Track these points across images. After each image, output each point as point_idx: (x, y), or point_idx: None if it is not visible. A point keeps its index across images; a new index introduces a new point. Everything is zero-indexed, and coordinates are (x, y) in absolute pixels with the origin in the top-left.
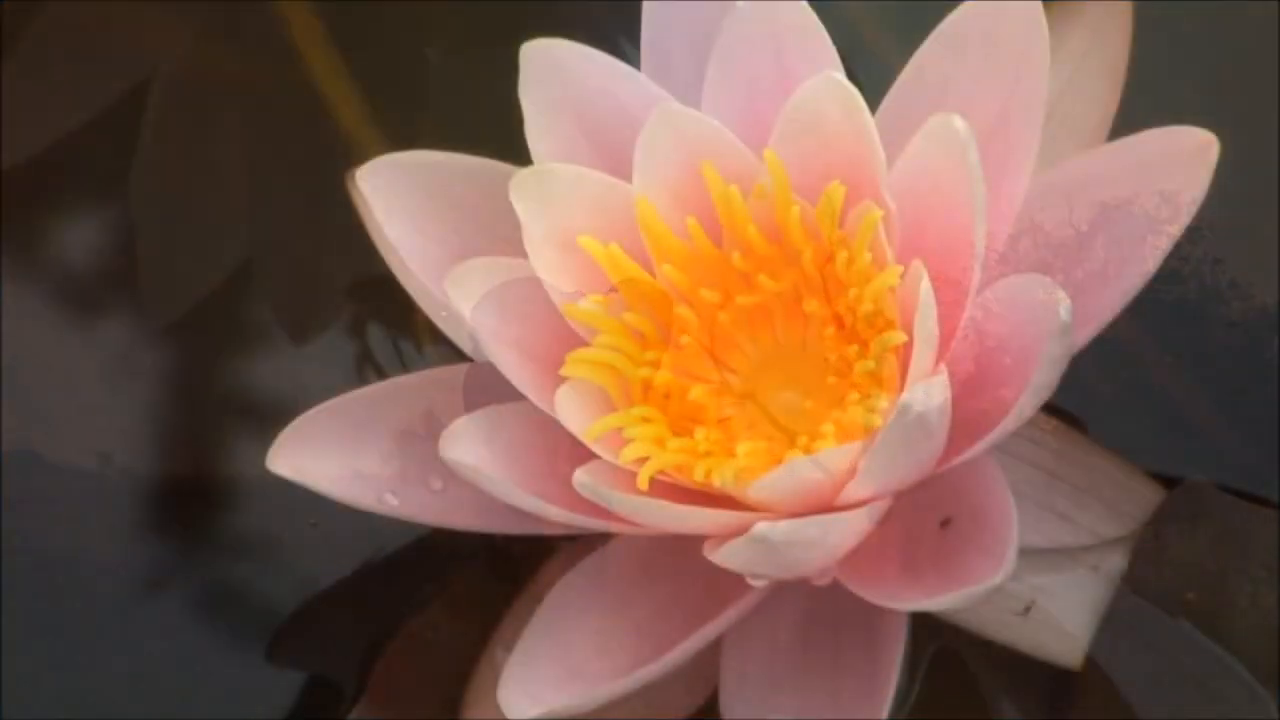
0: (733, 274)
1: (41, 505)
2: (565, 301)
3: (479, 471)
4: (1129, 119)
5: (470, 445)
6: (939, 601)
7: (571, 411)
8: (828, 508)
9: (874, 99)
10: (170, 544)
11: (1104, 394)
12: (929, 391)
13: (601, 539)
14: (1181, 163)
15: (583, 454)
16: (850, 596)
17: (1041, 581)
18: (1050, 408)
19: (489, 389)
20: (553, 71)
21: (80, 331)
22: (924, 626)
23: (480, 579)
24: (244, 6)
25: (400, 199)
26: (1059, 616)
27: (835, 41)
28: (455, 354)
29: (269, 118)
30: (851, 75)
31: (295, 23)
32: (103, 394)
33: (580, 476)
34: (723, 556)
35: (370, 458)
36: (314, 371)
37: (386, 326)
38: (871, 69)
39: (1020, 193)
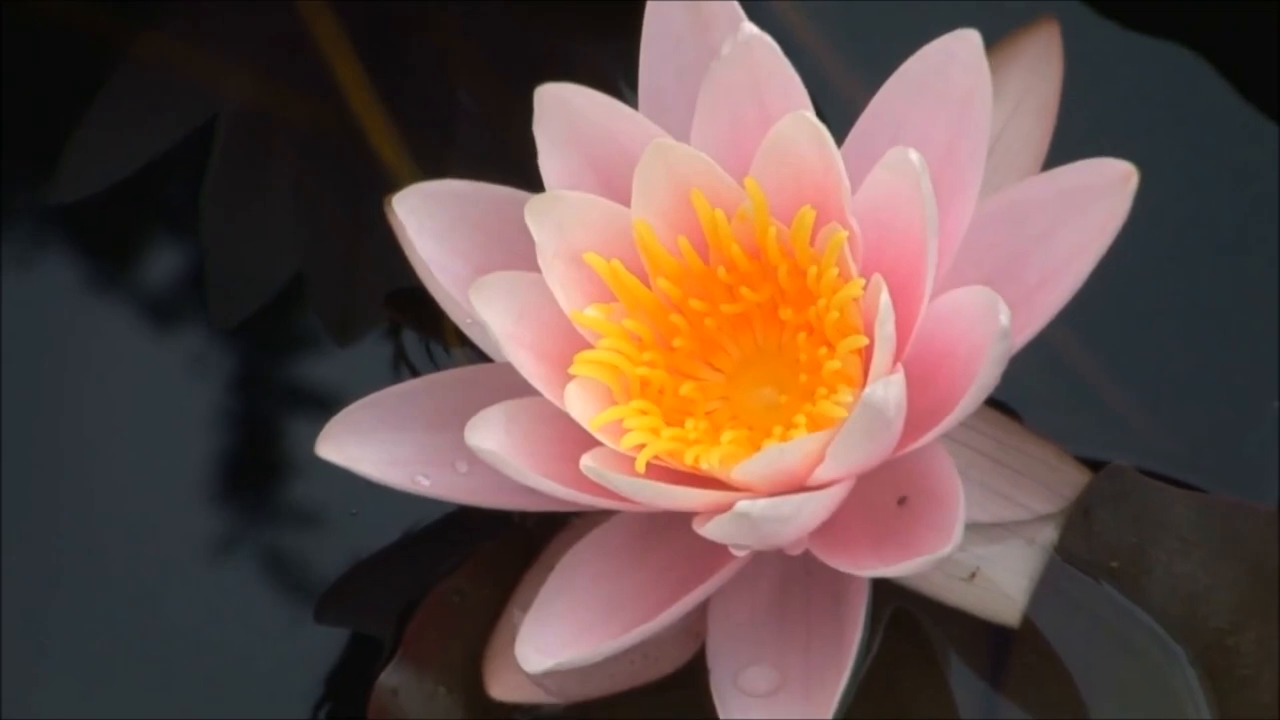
0: (718, 286)
1: (130, 480)
2: (573, 310)
3: (499, 457)
4: (1060, 152)
5: (491, 434)
6: (896, 569)
7: (578, 405)
8: (800, 488)
9: (839, 133)
10: (235, 516)
11: (1038, 390)
12: (887, 387)
13: (605, 515)
14: (1106, 191)
15: (588, 442)
16: (820, 565)
17: (985, 551)
18: (992, 402)
19: (507, 385)
20: (562, 111)
21: (161, 336)
22: (883, 590)
23: (499, 550)
24: (297, 53)
25: (430, 221)
26: (1000, 581)
27: (805, 84)
28: (478, 355)
29: (318, 151)
30: (820, 113)
31: (341, 68)
32: (181, 388)
33: (586, 461)
34: (709, 530)
35: (405, 445)
36: (356, 370)
37: (419, 331)
38: (837, 108)
39: (967, 216)
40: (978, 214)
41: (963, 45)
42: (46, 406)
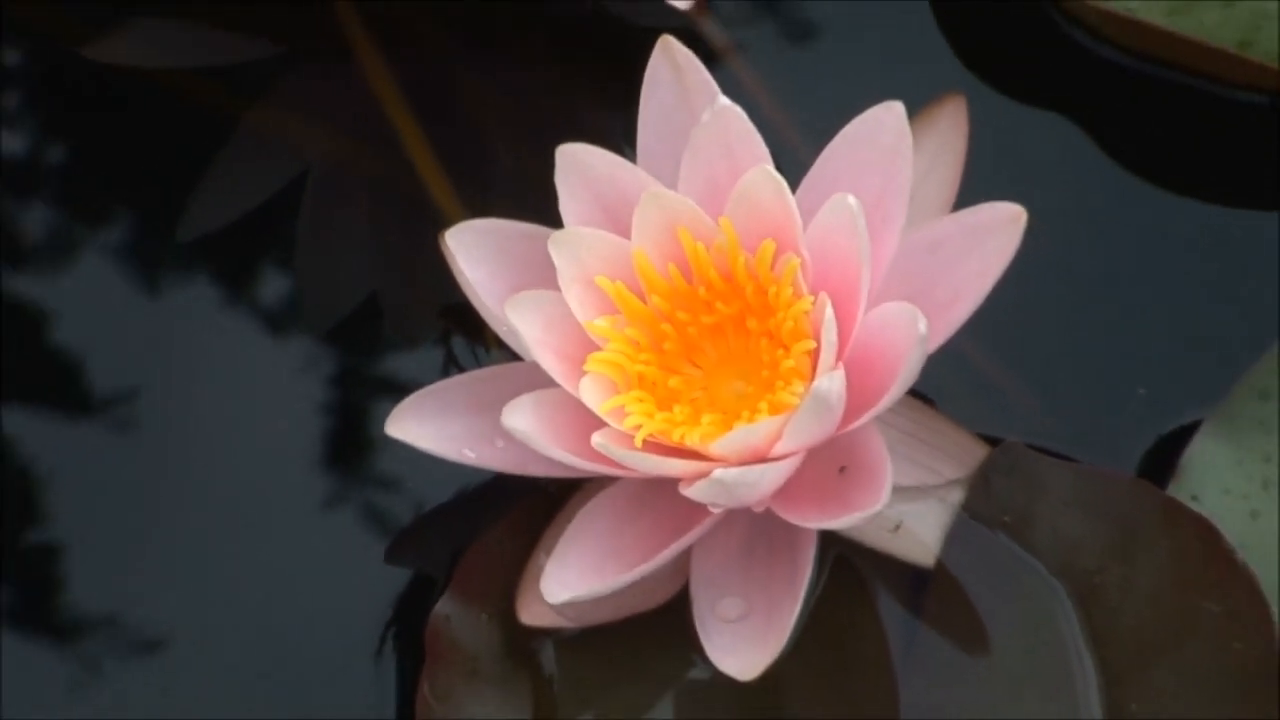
0: (699, 302)
1: (250, 453)
2: (586, 320)
3: (528, 435)
4: (966, 197)
5: (522, 417)
6: (838, 522)
7: (590, 394)
8: (763, 459)
9: (793, 182)
10: (327, 479)
11: (949, 382)
12: (831, 381)
13: (610, 481)
14: (1001, 228)
15: (597, 423)
16: (778, 519)
17: (906, 509)
18: (913, 392)
19: (534, 380)
20: (578, 165)
21: (268, 342)
22: (828, 539)
23: (529, 508)
24: (369, 119)
25: (475, 251)
26: (918, 532)
27: (767, 143)
28: (511, 356)
29: (385, 196)
30: (778, 166)
31: (404, 130)
32: (286, 381)
33: (596, 438)
34: (692, 493)
35: (455, 425)
36: (416, 367)
37: (465, 337)
38: (791, 162)
39: (893, 247)
40: (901, 245)
41: (890, 114)
42: (182, 400)
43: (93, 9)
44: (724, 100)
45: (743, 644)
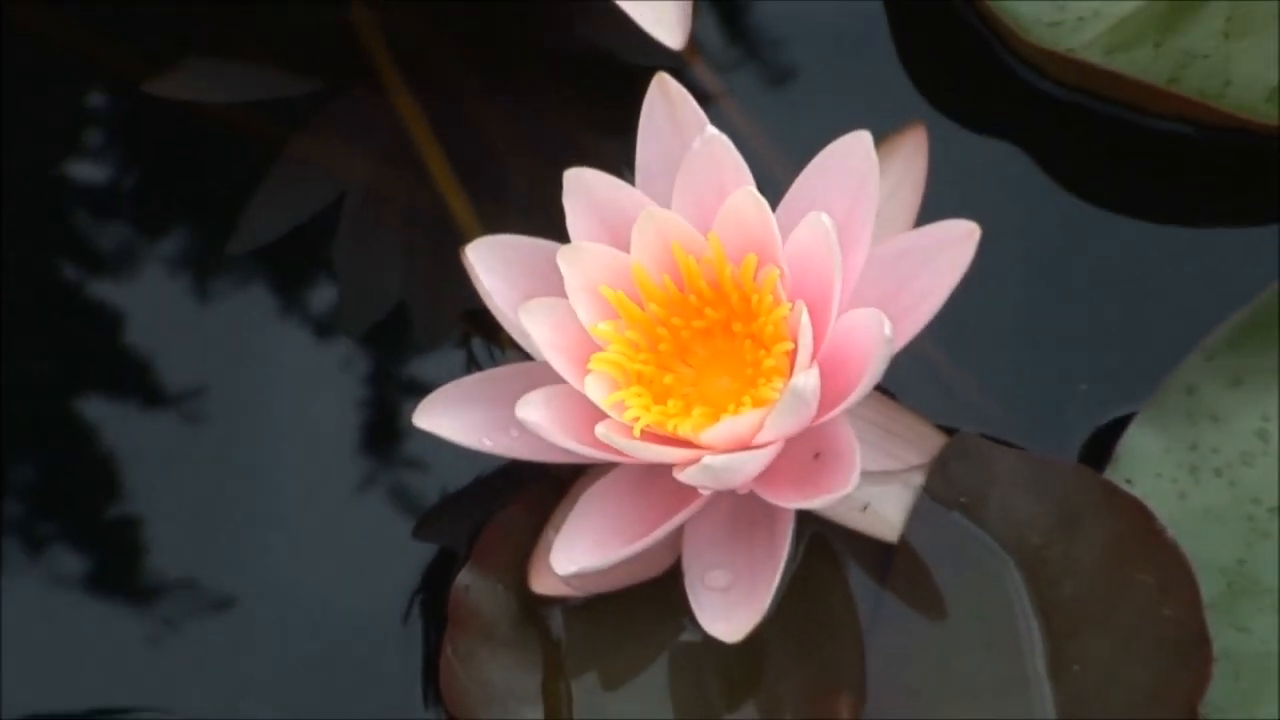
0: (690, 308)
1: (294, 442)
2: (590, 324)
3: (539, 426)
4: (926, 215)
5: (534, 409)
6: (813, 503)
7: (594, 390)
8: (747, 447)
9: (773, 201)
10: (363, 464)
11: (911, 379)
12: (806, 378)
13: (612, 466)
14: (957, 242)
15: (600, 415)
16: (760, 500)
17: (873, 490)
18: (879, 388)
19: (544, 377)
20: (583, 187)
21: (311, 343)
22: (804, 518)
23: (540, 490)
24: (399, 146)
25: (492, 263)
26: (884, 512)
27: (750, 167)
28: (524, 356)
29: (413, 214)
30: (760, 188)
31: (429, 155)
32: (328, 378)
33: (599, 429)
34: (684, 477)
35: (474, 416)
36: (441, 366)
37: (483, 340)
38: (771, 184)
39: (862, 260)
40: (869, 258)
41: (859, 141)
42: (238, 393)
43: (155, 50)
44: (712, 130)
45: (729, 610)
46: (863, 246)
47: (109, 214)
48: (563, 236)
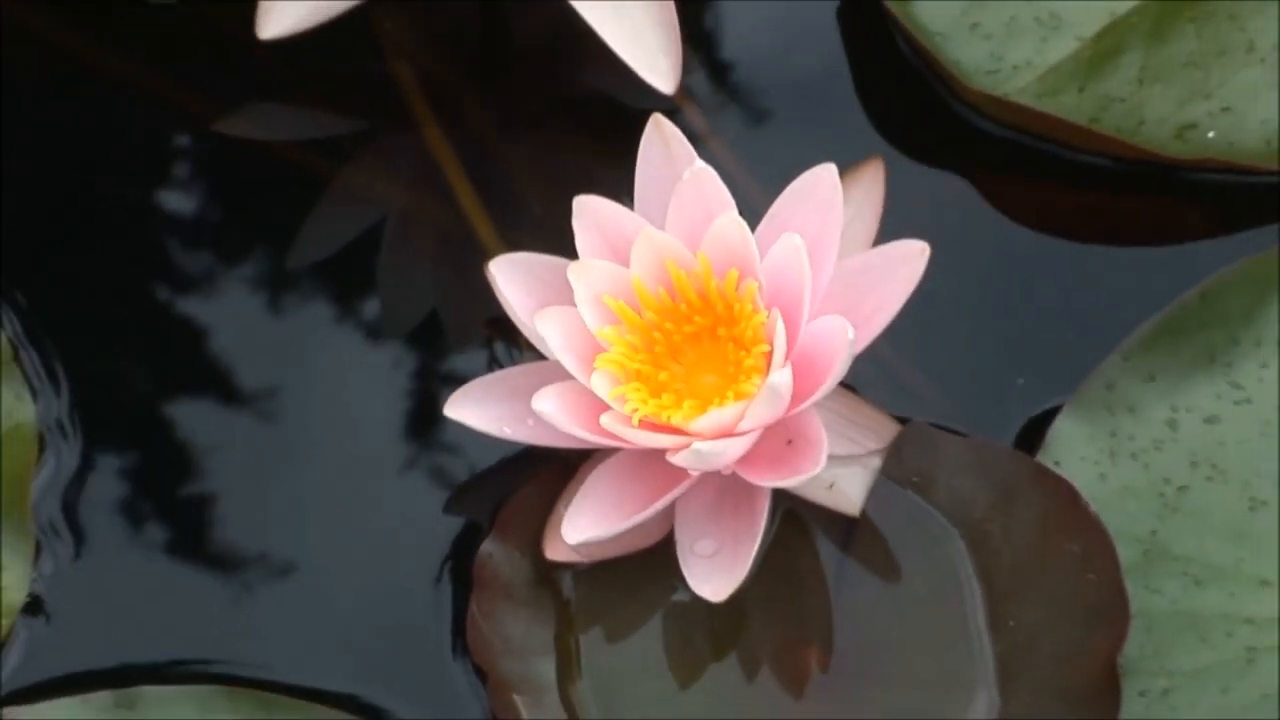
0: (681, 315)
1: (346, 430)
2: (596, 329)
3: (552, 416)
4: (884, 234)
5: (548, 402)
6: (786, 482)
7: (599, 385)
8: (730, 434)
9: (753, 223)
10: (404, 448)
11: (871, 376)
12: (781, 376)
13: (615, 451)
14: (910, 259)
15: (604, 407)
16: (741, 480)
17: (838, 471)
18: (843, 384)
19: (557, 374)
20: (590, 211)
21: (359, 345)
22: (779, 495)
23: (553, 470)
24: (431, 177)
25: (512, 276)
26: (847, 490)
27: (732, 194)
28: (539, 356)
29: (444, 235)
30: (741, 212)
31: (457, 184)
32: (375, 375)
33: (604, 419)
34: (677, 460)
35: (497, 408)
36: (468, 365)
37: (504, 342)
38: (751, 209)
39: (828, 274)
40: (835, 272)
41: (826, 172)
42: (295, 391)
43: (226, 96)
44: (700, 163)
45: (714, 574)
46: (829, 263)
47: (191, 238)
48: (572, 254)
